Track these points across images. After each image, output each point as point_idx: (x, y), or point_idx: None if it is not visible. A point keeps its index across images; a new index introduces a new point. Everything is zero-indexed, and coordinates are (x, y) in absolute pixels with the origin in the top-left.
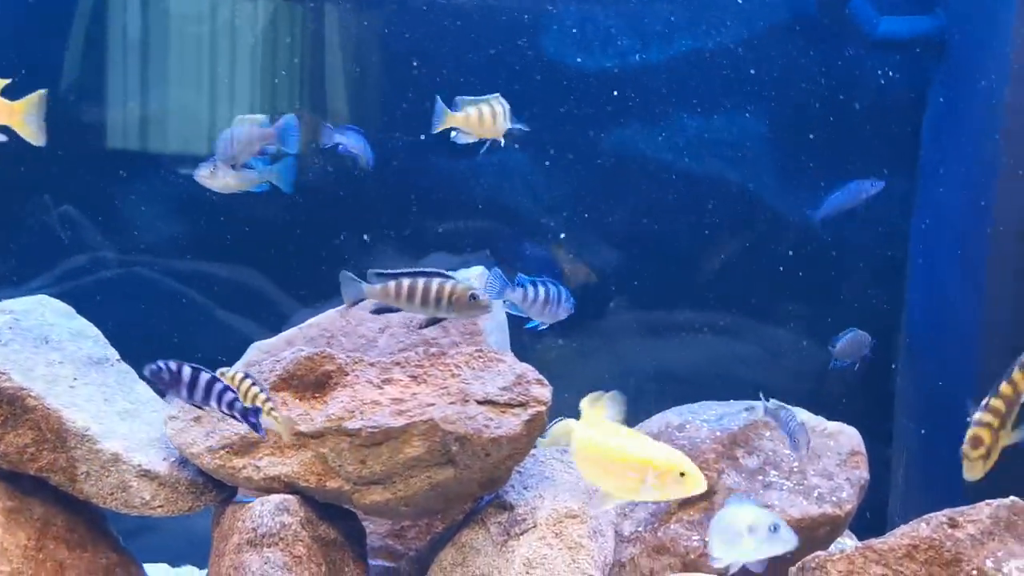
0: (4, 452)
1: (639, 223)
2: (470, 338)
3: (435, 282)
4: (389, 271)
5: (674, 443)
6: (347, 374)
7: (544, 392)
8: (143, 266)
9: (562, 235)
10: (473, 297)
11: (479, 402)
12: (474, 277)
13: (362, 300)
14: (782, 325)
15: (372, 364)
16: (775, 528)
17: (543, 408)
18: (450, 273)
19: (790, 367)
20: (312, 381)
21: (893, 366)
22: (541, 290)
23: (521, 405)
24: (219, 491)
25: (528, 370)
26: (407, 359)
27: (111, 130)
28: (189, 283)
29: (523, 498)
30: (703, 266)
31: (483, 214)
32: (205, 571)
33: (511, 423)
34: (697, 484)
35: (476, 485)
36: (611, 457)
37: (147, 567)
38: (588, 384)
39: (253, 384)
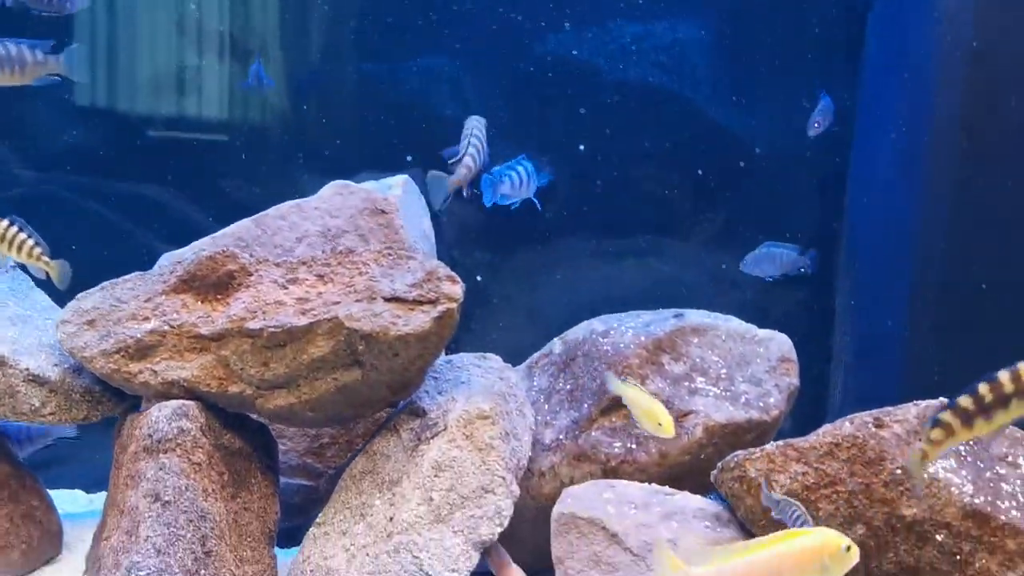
0: None
1: (572, 137)
2: (389, 246)
3: (473, 128)
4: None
5: (598, 349)
6: (251, 274)
7: (455, 289)
8: (52, 183)
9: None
10: None
11: (386, 299)
12: (396, 185)
13: (449, 198)
14: (723, 241)
15: (278, 264)
16: None
17: (454, 305)
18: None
19: (731, 283)
20: (214, 282)
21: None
22: (521, 171)
23: (431, 302)
24: (118, 401)
25: (439, 266)
26: (314, 258)
27: None
28: (100, 198)
29: (436, 402)
30: (638, 181)
31: (408, 125)
32: None
33: (420, 320)
34: (856, 555)
35: (386, 388)
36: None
37: (63, 492)
38: (522, 309)
39: (20, 230)
